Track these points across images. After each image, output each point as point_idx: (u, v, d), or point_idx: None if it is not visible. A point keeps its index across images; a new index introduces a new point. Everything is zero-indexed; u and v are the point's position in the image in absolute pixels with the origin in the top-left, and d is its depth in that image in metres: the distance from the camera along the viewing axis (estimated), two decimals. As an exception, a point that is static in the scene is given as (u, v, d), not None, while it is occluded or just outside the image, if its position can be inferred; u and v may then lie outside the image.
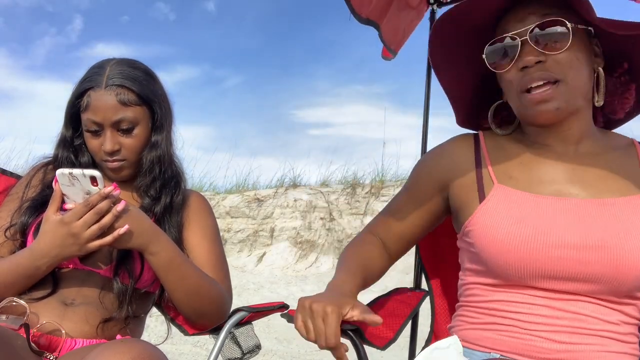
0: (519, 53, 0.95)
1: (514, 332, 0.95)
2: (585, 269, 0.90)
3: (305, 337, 0.92)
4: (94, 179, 1.01)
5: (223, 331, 1.18)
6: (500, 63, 0.99)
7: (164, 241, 1.12)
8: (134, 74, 1.18)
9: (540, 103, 0.94)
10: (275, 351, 3.37)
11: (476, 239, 0.98)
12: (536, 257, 0.91)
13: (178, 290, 1.14)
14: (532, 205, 0.96)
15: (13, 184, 1.34)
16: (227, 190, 7.27)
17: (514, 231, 0.93)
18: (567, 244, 0.91)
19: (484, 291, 1.01)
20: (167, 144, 1.26)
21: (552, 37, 0.93)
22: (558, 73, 0.93)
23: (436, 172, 1.11)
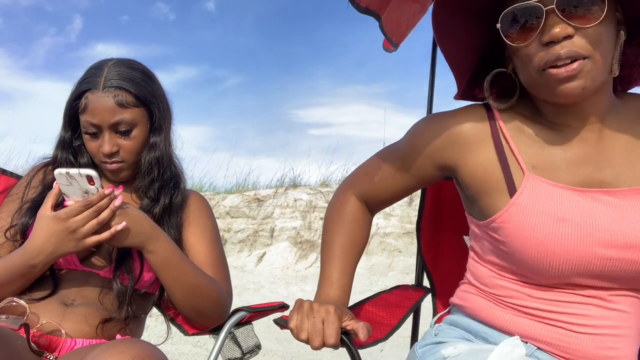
0: (543, 24, 0.81)
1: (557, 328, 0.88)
2: (632, 268, 0.84)
3: (297, 335, 0.91)
4: (91, 178, 1.01)
5: (223, 331, 1.18)
6: (518, 35, 0.84)
7: (162, 240, 1.12)
8: (132, 75, 1.18)
9: (564, 80, 0.82)
10: (275, 351, 3.37)
11: (509, 238, 0.88)
12: (582, 256, 0.84)
13: (176, 288, 1.14)
14: (568, 200, 0.87)
15: (13, 184, 1.34)
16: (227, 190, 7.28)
17: (554, 232, 0.84)
18: (612, 242, 0.83)
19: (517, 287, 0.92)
20: (166, 144, 1.25)
21: (585, 7, 0.79)
22: (586, 49, 0.80)
23: (440, 149, 0.98)
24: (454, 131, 0.97)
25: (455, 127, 0.96)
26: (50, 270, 1.12)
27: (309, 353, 3.38)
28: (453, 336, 1.00)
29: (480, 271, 0.99)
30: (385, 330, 1.18)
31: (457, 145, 0.97)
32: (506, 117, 0.96)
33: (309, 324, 0.90)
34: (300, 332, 0.90)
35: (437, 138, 0.98)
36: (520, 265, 0.89)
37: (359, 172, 1.14)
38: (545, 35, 0.81)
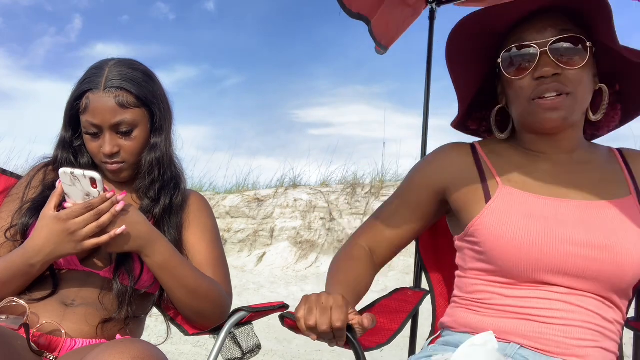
0: (537, 63, 0.98)
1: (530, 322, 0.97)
2: (592, 266, 0.94)
3: (305, 322, 0.92)
4: (94, 181, 1.01)
5: (223, 331, 1.18)
6: (515, 70, 1.01)
7: (160, 244, 1.12)
8: (133, 75, 1.17)
9: (549, 110, 0.98)
10: (275, 351, 3.37)
11: (484, 237, 1.01)
12: (546, 252, 0.95)
13: (175, 290, 1.14)
14: (536, 204, 1.00)
15: (13, 184, 1.34)
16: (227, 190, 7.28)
17: (523, 227, 0.97)
18: (574, 241, 0.95)
19: (495, 289, 1.02)
20: (167, 145, 1.25)
21: (571, 53, 0.97)
22: (570, 86, 0.97)
23: (432, 175, 1.14)
24: (443, 159, 1.15)
25: (445, 156, 1.15)
26: (50, 271, 1.12)
27: (308, 353, 3.38)
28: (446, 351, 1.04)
29: (464, 282, 1.09)
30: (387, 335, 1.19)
31: (447, 170, 1.13)
32: (486, 148, 1.13)
33: (316, 311, 0.92)
34: (309, 318, 0.92)
35: (430, 168, 1.16)
36: (496, 262, 1.00)
37: (368, 220, 1.24)
38: (537, 72, 0.98)
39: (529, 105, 1.00)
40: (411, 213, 1.17)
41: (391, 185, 6.43)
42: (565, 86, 0.97)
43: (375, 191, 6.35)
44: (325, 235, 5.95)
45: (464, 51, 1.09)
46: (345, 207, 6.23)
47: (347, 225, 5.98)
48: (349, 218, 6.05)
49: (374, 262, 1.20)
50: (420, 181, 1.16)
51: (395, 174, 6.82)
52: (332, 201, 6.32)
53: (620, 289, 0.97)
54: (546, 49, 0.97)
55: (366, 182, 6.61)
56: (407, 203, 1.18)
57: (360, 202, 6.25)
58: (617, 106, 1.13)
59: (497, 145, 1.13)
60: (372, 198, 6.24)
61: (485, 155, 1.11)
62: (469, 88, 1.15)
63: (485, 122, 1.20)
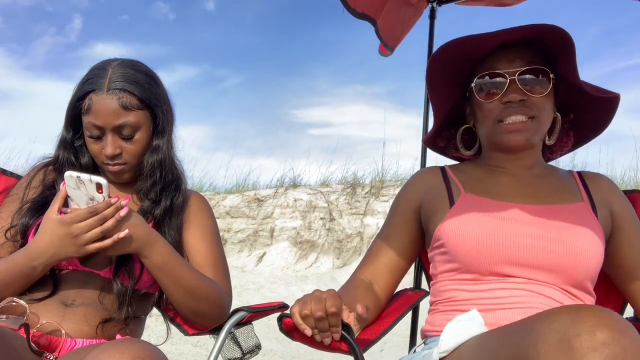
0: (505, 89, 1.10)
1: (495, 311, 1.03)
2: (548, 257, 1.03)
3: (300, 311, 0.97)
4: (100, 186, 1.01)
5: (223, 331, 1.18)
6: (487, 94, 1.13)
7: (158, 245, 1.11)
8: (137, 77, 1.17)
9: (513, 132, 1.11)
10: (275, 351, 3.37)
11: (447, 236, 1.11)
12: (503, 244, 1.05)
13: (174, 291, 1.14)
14: (496, 207, 1.12)
15: (13, 184, 1.34)
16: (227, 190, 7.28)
17: (482, 224, 1.07)
18: (529, 234, 1.05)
19: (462, 286, 1.10)
20: (169, 147, 1.25)
21: (537, 83, 1.10)
22: (534, 111, 1.10)
23: (411, 195, 1.27)
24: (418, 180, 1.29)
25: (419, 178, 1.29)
26: (51, 271, 1.12)
27: (308, 353, 3.38)
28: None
29: (436, 287, 1.17)
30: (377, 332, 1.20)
31: (420, 188, 1.26)
32: (454, 169, 1.27)
33: (311, 300, 0.97)
34: (303, 308, 0.96)
35: (409, 190, 1.29)
36: (459, 259, 1.09)
37: (365, 256, 1.31)
38: (506, 97, 1.10)
39: (495, 126, 1.13)
40: (402, 234, 1.26)
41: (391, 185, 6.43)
42: (530, 110, 1.10)
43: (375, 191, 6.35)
44: (325, 235, 5.95)
45: (442, 75, 1.21)
46: (345, 207, 6.23)
47: (347, 225, 5.98)
48: (349, 218, 6.05)
49: (375, 291, 1.23)
50: (403, 204, 1.27)
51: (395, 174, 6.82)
52: (332, 201, 6.32)
53: (576, 280, 1.04)
54: (515, 77, 1.10)
55: (366, 182, 6.61)
56: (395, 227, 1.27)
57: (360, 202, 6.25)
58: (571, 133, 1.26)
59: (463, 166, 1.27)
60: (372, 198, 6.25)
61: (453, 174, 1.24)
62: (443, 107, 1.27)
63: (453, 140, 1.32)
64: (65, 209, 1.05)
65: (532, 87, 1.10)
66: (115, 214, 1.03)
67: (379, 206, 6.09)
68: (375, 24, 1.90)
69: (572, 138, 1.27)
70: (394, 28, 1.98)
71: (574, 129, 1.25)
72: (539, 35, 1.09)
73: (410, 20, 2.03)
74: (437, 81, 1.24)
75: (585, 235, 1.05)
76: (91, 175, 1.01)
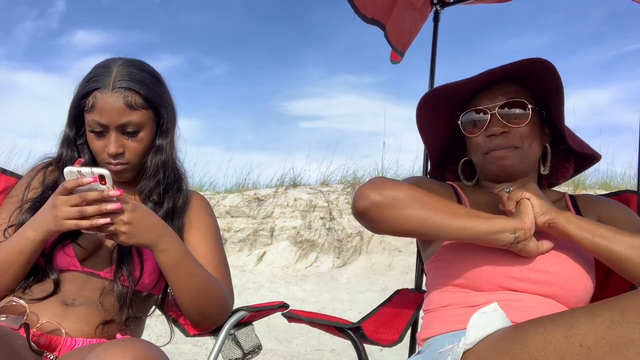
0: (487, 124, 1.18)
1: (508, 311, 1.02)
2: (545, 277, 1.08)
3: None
4: (103, 178, 1.00)
5: (223, 331, 1.18)
6: (472, 129, 1.22)
7: (174, 238, 1.11)
8: (142, 76, 1.17)
9: (500, 159, 1.18)
10: (275, 351, 3.37)
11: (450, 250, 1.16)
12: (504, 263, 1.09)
13: (185, 289, 1.13)
14: None
15: (13, 183, 1.34)
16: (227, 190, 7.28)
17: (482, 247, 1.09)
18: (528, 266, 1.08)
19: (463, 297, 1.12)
20: (171, 147, 1.25)
21: (515, 115, 1.17)
22: (517, 142, 1.17)
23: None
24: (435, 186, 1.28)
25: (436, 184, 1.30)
26: (51, 271, 1.12)
27: (308, 352, 3.38)
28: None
29: (433, 298, 1.19)
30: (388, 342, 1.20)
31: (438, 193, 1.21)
32: (461, 187, 1.32)
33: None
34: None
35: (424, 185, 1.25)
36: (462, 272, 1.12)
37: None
38: (488, 131, 1.18)
39: (484, 157, 1.21)
40: None
41: (391, 184, 6.41)
42: (511, 142, 1.17)
43: (375, 191, 6.33)
44: (325, 234, 5.95)
45: (433, 114, 1.29)
46: (345, 206, 6.23)
47: (347, 225, 5.98)
48: (349, 217, 6.05)
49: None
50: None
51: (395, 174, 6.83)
52: (332, 200, 6.33)
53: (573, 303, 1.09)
54: (495, 112, 1.17)
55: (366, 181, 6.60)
56: None
57: (360, 201, 6.23)
58: (571, 158, 1.31)
59: (469, 189, 1.31)
60: (372, 198, 6.23)
61: (463, 193, 1.29)
62: (437, 145, 1.37)
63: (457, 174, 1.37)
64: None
65: (511, 119, 1.17)
66: (99, 198, 1.00)
67: (379, 206, 6.07)
68: (384, 29, 1.91)
69: (572, 164, 1.32)
70: (402, 32, 2.00)
71: (574, 154, 1.29)
72: (520, 71, 1.16)
73: (417, 24, 2.04)
74: (427, 122, 1.32)
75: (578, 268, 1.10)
76: (92, 167, 1.00)
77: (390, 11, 1.87)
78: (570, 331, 0.78)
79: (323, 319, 1.14)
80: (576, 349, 0.76)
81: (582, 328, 0.77)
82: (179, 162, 1.31)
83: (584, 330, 0.77)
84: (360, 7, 1.76)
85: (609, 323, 0.76)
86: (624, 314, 0.75)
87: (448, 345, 1.01)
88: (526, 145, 1.18)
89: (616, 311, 0.77)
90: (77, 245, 1.14)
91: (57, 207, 1.01)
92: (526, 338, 0.81)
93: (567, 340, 0.77)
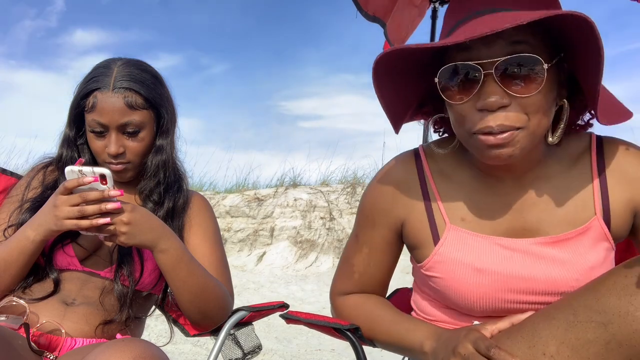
0: (479, 88, 0.78)
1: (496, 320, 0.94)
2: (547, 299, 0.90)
3: None
4: (104, 177, 1.00)
5: (223, 331, 1.18)
6: (454, 93, 0.82)
7: (174, 238, 1.11)
8: (142, 76, 1.17)
9: (494, 147, 0.80)
10: (275, 350, 3.37)
11: (437, 283, 0.95)
12: (497, 301, 0.91)
13: (185, 289, 1.12)
14: (487, 251, 0.91)
15: (13, 183, 1.34)
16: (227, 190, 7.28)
17: (473, 281, 0.90)
18: (524, 289, 0.90)
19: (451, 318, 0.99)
20: (171, 148, 1.25)
21: (525, 75, 0.77)
22: (521, 121, 0.79)
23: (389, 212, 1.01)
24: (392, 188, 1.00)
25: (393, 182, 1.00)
26: (51, 270, 1.12)
27: (308, 352, 3.38)
28: None
29: (421, 303, 1.06)
30: None
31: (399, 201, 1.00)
32: (433, 165, 0.98)
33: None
34: None
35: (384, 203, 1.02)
36: (450, 304, 0.96)
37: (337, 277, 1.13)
38: (480, 102, 0.79)
39: (470, 138, 0.83)
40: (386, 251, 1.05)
41: (391, 184, 6.42)
42: (513, 124, 0.78)
43: (375, 191, 6.33)
44: (325, 234, 5.95)
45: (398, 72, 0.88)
46: (345, 206, 6.23)
47: (347, 225, 5.98)
48: (349, 217, 6.05)
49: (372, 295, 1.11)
50: (380, 221, 1.02)
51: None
52: (332, 200, 6.32)
53: None
54: (492, 70, 0.77)
55: (366, 181, 6.61)
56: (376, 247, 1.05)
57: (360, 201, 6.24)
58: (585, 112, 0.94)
59: (446, 162, 0.97)
60: (372, 197, 6.23)
61: (432, 177, 0.97)
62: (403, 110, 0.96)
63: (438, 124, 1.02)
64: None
65: (517, 84, 0.77)
66: (100, 197, 1.00)
67: (379, 206, 6.08)
68: (384, 26, 1.93)
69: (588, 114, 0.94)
70: (400, 29, 2.01)
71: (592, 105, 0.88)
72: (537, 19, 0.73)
73: (415, 21, 2.05)
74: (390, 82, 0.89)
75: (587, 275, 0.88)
76: (93, 167, 1.00)
77: (390, 9, 1.88)
78: (532, 340, 0.76)
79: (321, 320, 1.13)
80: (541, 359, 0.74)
81: (542, 335, 0.75)
82: (179, 162, 1.31)
83: (544, 338, 0.75)
84: (363, 5, 1.77)
85: (565, 325, 0.73)
86: (576, 314, 0.73)
87: None
88: (534, 122, 0.79)
89: (569, 312, 0.74)
90: (77, 244, 1.14)
91: (57, 207, 1.01)
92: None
93: (530, 350, 0.75)
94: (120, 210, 1.01)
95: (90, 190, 1.01)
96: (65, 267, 1.14)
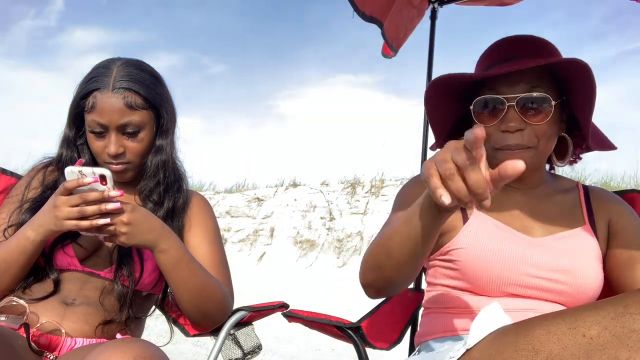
0: (503, 115, 1.05)
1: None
2: (556, 286, 1.06)
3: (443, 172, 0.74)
4: (103, 178, 1.00)
5: (223, 330, 1.18)
6: (484, 117, 1.08)
7: (174, 238, 1.11)
8: (142, 76, 1.17)
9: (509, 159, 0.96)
10: (275, 350, 3.37)
11: (461, 256, 1.08)
12: (517, 272, 1.05)
13: (185, 289, 1.12)
14: (508, 234, 1.10)
15: (13, 183, 1.34)
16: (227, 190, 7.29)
17: (497, 250, 1.06)
18: (541, 265, 1.06)
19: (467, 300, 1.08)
20: (171, 148, 1.25)
21: (535, 110, 1.04)
22: (532, 141, 1.06)
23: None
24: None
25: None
26: (51, 271, 1.12)
27: (308, 352, 3.38)
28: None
29: (434, 295, 1.16)
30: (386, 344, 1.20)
31: None
32: None
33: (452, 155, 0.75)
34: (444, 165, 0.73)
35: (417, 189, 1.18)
36: (469, 280, 1.08)
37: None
38: (503, 125, 1.05)
39: (493, 152, 1.08)
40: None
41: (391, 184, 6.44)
42: (527, 143, 1.05)
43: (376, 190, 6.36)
44: (325, 234, 5.95)
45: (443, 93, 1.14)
46: (345, 206, 6.23)
47: (347, 225, 5.98)
48: (349, 217, 6.06)
49: None
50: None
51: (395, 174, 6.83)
52: (332, 200, 6.33)
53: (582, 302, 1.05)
54: (513, 104, 1.04)
55: (366, 181, 6.62)
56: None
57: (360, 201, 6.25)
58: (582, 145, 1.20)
59: None
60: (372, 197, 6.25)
61: None
62: (445, 126, 1.22)
63: None
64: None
65: (531, 115, 1.05)
66: (100, 198, 1.00)
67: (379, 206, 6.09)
68: (382, 27, 1.93)
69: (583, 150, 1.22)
70: (399, 29, 2.01)
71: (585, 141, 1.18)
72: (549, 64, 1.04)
73: (413, 21, 2.05)
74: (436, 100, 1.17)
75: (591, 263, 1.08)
76: (94, 167, 1.00)
77: (388, 9, 1.88)
78: (574, 323, 0.78)
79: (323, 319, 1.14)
80: (579, 339, 0.76)
81: (587, 320, 0.78)
82: (179, 162, 1.31)
83: (587, 322, 0.77)
84: (360, 5, 1.77)
85: (613, 315, 0.76)
86: (627, 307, 0.76)
87: (447, 345, 1.01)
88: (542, 144, 1.07)
89: (620, 304, 0.77)
90: (77, 244, 1.14)
91: (57, 207, 1.01)
92: (530, 330, 0.81)
93: (570, 331, 0.78)
94: (120, 210, 1.01)
95: (90, 191, 1.01)
96: (65, 267, 1.14)
